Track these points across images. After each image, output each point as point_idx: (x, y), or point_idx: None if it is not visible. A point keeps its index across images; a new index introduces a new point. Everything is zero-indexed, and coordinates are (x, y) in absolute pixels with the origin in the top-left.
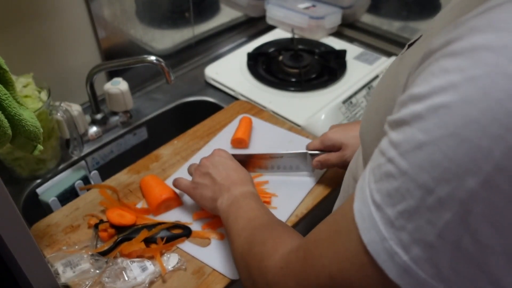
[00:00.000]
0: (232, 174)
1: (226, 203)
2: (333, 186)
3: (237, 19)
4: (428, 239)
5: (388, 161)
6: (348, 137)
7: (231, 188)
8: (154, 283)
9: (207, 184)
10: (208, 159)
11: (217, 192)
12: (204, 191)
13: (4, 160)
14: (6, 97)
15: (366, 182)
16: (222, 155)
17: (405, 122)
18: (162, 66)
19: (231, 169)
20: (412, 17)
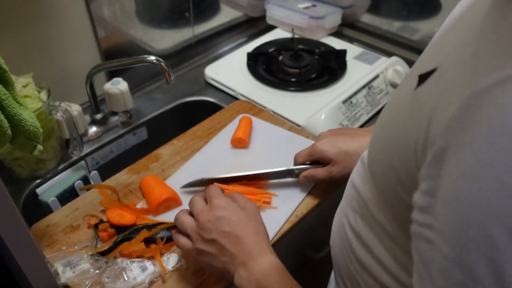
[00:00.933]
0: (245, 240)
1: (248, 282)
2: (333, 186)
3: (237, 19)
4: None
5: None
6: (338, 152)
7: (248, 263)
8: (154, 283)
9: (214, 254)
10: (209, 218)
11: (229, 265)
12: (212, 261)
13: (4, 160)
14: (5, 97)
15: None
16: (224, 208)
17: None
18: (162, 66)
19: (242, 232)
20: (412, 17)
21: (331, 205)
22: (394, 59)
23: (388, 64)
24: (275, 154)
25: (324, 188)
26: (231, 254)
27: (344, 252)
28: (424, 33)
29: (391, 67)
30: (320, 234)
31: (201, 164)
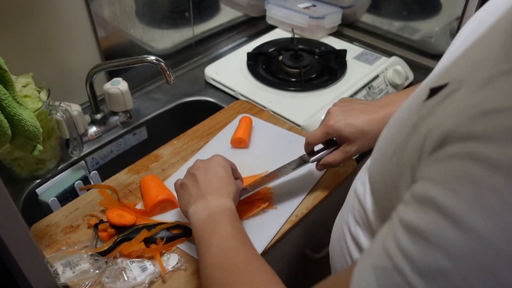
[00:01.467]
0: (215, 181)
1: (200, 216)
2: (333, 186)
3: (237, 19)
4: None
5: (396, 271)
6: (354, 131)
7: (207, 196)
8: (154, 283)
9: (188, 185)
10: (202, 161)
11: (193, 196)
12: (184, 192)
13: (4, 160)
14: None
15: (365, 278)
16: (217, 161)
17: (424, 235)
18: (162, 66)
19: (217, 176)
20: (412, 17)
21: (331, 205)
22: (394, 59)
23: (388, 64)
24: (275, 154)
25: (324, 188)
26: (199, 187)
27: (342, 260)
28: (424, 33)
29: (391, 67)
30: (320, 234)
31: None
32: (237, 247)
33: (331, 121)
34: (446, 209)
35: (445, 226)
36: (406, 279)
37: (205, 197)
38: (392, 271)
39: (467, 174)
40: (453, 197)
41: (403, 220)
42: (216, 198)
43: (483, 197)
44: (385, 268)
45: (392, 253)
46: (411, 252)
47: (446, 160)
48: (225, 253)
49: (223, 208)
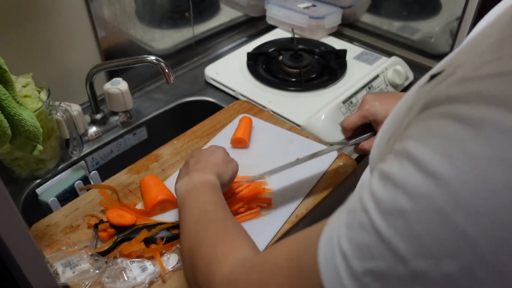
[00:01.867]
0: (201, 163)
1: (185, 188)
2: (333, 186)
3: (237, 19)
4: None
5: (363, 211)
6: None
7: (192, 173)
8: (154, 283)
9: (182, 171)
10: (201, 149)
11: (181, 175)
12: (178, 177)
13: (4, 160)
14: (5, 97)
15: (336, 222)
16: (210, 148)
17: (392, 179)
18: (162, 66)
19: (206, 159)
20: (412, 17)
21: (331, 205)
22: (394, 59)
23: (388, 64)
24: (275, 154)
25: (324, 188)
26: (188, 168)
27: None
28: (424, 33)
29: (391, 67)
30: None
31: None
32: (216, 208)
33: (366, 105)
34: (415, 156)
35: (411, 170)
36: (370, 218)
37: (190, 174)
38: (360, 212)
39: (441, 129)
40: (424, 147)
41: (380, 170)
42: (200, 175)
43: (450, 146)
44: (356, 210)
45: (364, 198)
46: (379, 194)
47: (425, 120)
48: (205, 213)
49: (205, 180)
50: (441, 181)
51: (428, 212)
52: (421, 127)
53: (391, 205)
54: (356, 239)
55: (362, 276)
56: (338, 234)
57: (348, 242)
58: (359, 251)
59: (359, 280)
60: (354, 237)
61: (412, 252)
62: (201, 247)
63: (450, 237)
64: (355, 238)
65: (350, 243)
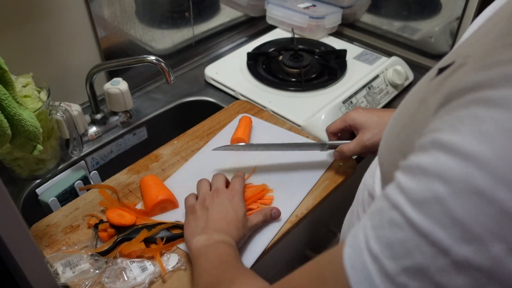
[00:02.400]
0: (223, 223)
1: (202, 243)
2: (333, 186)
3: (237, 19)
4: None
5: (393, 207)
6: (369, 121)
7: (213, 233)
8: (154, 283)
9: (198, 216)
10: (219, 195)
11: (198, 229)
12: (192, 220)
13: (4, 160)
14: (5, 97)
15: (361, 227)
16: (233, 203)
17: (423, 170)
18: (162, 66)
19: (227, 219)
20: (412, 17)
21: (331, 205)
22: (394, 59)
23: (388, 64)
24: (275, 154)
25: (324, 188)
26: (207, 224)
27: None
28: (424, 33)
29: (391, 67)
30: (320, 234)
31: (201, 164)
32: (232, 261)
33: (351, 111)
34: (446, 143)
35: (443, 156)
36: (402, 213)
37: (210, 234)
38: (389, 209)
39: (469, 114)
40: (454, 133)
41: (404, 166)
42: (220, 235)
43: (482, 126)
44: (382, 208)
45: (391, 195)
46: (409, 187)
47: (452, 111)
48: (222, 262)
49: (226, 241)
50: (479, 162)
51: (469, 195)
52: (448, 119)
53: (425, 194)
54: (387, 237)
55: (397, 275)
56: (365, 238)
57: (378, 242)
58: (391, 249)
59: (393, 281)
60: (385, 236)
61: (454, 239)
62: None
63: (495, 217)
64: (386, 237)
65: (380, 243)
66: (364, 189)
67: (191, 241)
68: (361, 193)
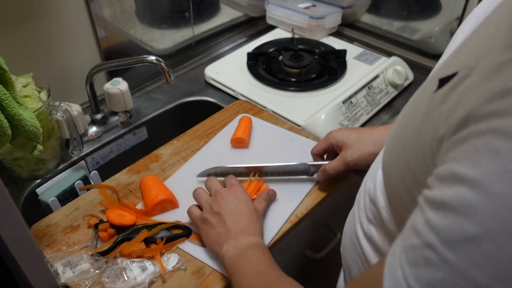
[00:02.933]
0: (242, 222)
1: (233, 252)
2: (332, 186)
3: (237, 19)
4: None
5: (426, 246)
6: (350, 138)
7: (239, 236)
8: (154, 283)
9: (214, 224)
10: (223, 196)
11: (222, 236)
12: (210, 230)
13: (4, 160)
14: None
15: (397, 261)
16: (239, 197)
17: (450, 206)
18: (162, 66)
19: (243, 215)
20: (412, 17)
21: (331, 205)
22: (394, 59)
23: (388, 64)
24: (275, 154)
25: (324, 188)
26: (228, 228)
27: (356, 258)
28: (424, 33)
29: (391, 67)
30: (320, 234)
31: (201, 164)
32: (267, 271)
33: (333, 131)
34: (469, 179)
35: (469, 194)
36: (437, 253)
37: (236, 237)
38: (423, 247)
39: (487, 146)
40: (475, 168)
41: (429, 199)
42: (247, 237)
43: (503, 163)
44: (415, 246)
45: (421, 231)
46: (439, 226)
47: (468, 140)
48: (257, 276)
49: (254, 243)
50: (505, 200)
51: (501, 233)
52: (465, 148)
53: (457, 234)
54: (426, 277)
55: None
56: (403, 274)
57: (417, 281)
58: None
59: None
60: (423, 275)
61: (491, 277)
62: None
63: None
64: (424, 276)
65: (419, 282)
66: (365, 194)
67: (220, 252)
68: (362, 197)
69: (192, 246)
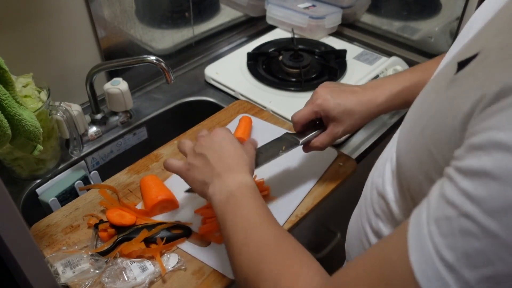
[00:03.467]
0: (227, 159)
1: (220, 197)
2: (333, 186)
3: (237, 19)
4: None
5: (463, 216)
6: (341, 110)
7: (223, 175)
8: (154, 283)
9: (199, 166)
10: (205, 138)
11: (208, 176)
12: (195, 173)
13: (4, 160)
14: (5, 97)
15: (425, 233)
16: (222, 136)
17: (490, 175)
18: (162, 66)
19: (228, 153)
20: (412, 17)
21: (331, 205)
22: (394, 59)
23: (388, 64)
24: None
25: (324, 188)
26: (212, 166)
27: None
28: (424, 33)
29: (391, 67)
30: (320, 234)
31: None
32: (262, 225)
33: (319, 100)
34: (508, 144)
35: (509, 158)
36: (477, 223)
37: (221, 176)
38: (459, 218)
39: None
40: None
41: (463, 169)
42: (233, 176)
43: None
44: (449, 216)
45: (456, 201)
46: (478, 195)
47: (506, 109)
48: (251, 231)
49: (242, 185)
50: None
51: None
52: (503, 116)
53: (499, 201)
54: (464, 247)
55: (477, 283)
56: (434, 247)
57: (453, 252)
58: (469, 259)
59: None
60: (460, 246)
61: None
62: (261, 273)
63: None
64: (462, 246)
65: (455, 252)
66: (372, 189)
67: (208, 195)
68: (369, 193)
69: (192, 246)
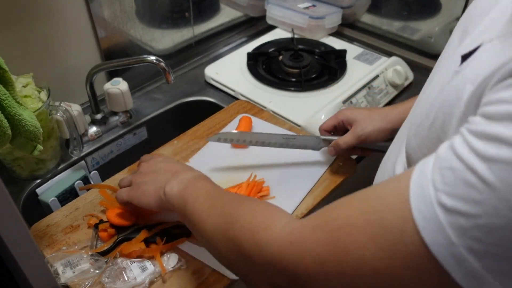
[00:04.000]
0: (175, 166)
1: (178, 187)
2: (333, 186)
3: (237, 19)
4: (509, 255)
5: (468, 169)
6: (361, 115)
7: (179, 174)
8: (154, 283)
9: (148, 180)
10: (146, 162)
11: (162, 181)
12: (145, 187)
13: (4, 160)
14: (5, 97)
15: (428, 179)
16: (161, 157)
17: (506, 141)
18: (162, 66)
19: (173, 165)
20: (412, 17)
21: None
22: (394, 59)
23: (388, 64)
24: (275, 154)
25: (324, 188)
26: (165, 172)
27: None
28: (424, 33)
29: (391, 67)
30: None
31: (201, 164)
32: (223, 194)
33: (342, 109)
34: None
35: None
36: (480, 177)
37: (176, 174)
38: (464, 170)
39: None
40: None
41: (477, 132)
42: (186, 173)
43: None
44: (455, 168)
45: (464, 155)
46: (487, 154)
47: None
48: (216, 199)
49: (197, 175)
50: None
51: None
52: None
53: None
54: (462, 194)
55: (470, 229)
56: (434, 191)
57: (452, 198)
58: (466, 205)
59: (467, 235)
60: (460, 194)
61: None
62: (236, 221)
63: None
64: (461, 193)
65: (453, 198)
66: (383, 179)
67: (165, 192)
68: None
69: (192, 246)
